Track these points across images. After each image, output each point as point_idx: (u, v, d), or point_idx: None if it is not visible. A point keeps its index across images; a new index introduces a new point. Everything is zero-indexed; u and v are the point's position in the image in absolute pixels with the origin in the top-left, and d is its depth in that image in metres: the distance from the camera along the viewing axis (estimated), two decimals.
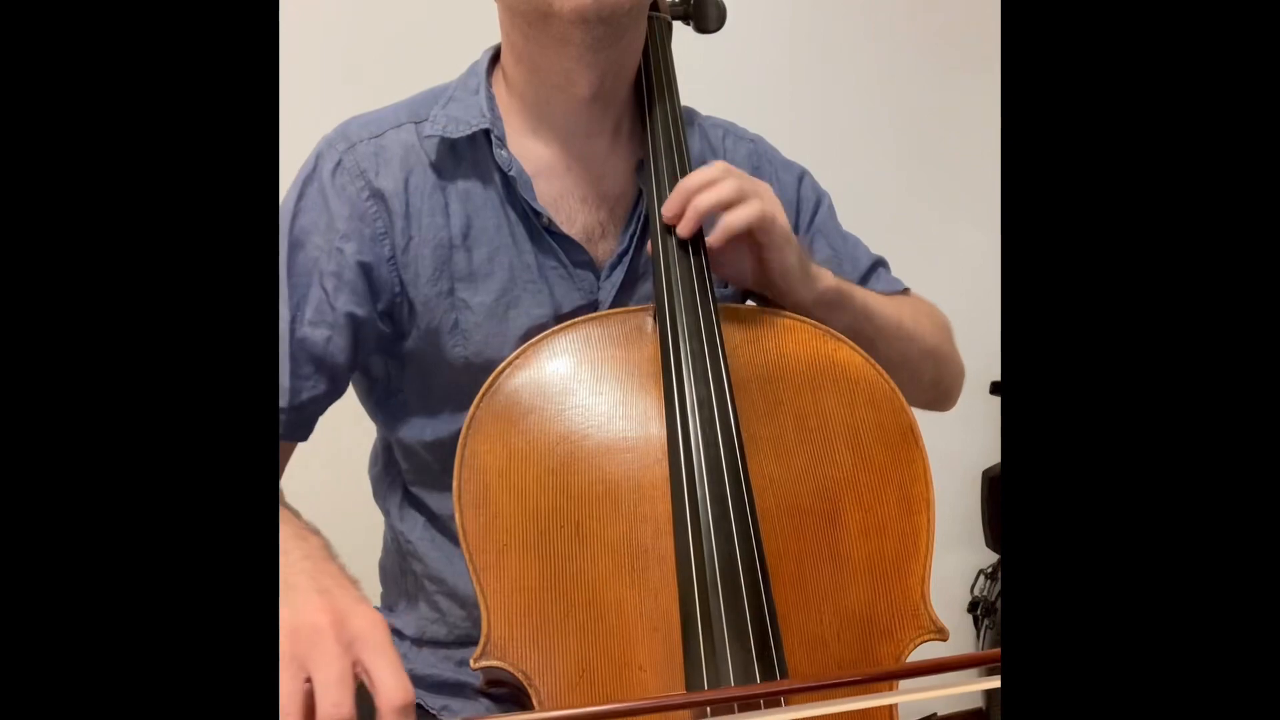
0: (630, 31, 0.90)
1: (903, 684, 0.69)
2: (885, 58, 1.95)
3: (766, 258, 0.87)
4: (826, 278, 0.91)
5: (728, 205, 0.84)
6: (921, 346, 0.99)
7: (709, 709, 0.69)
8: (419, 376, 0.93)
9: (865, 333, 0.92)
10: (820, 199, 1.06)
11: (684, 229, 0.84)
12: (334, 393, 0.91)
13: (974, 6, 1.88)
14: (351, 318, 0.88)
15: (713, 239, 0.85)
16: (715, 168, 0.86)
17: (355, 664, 0.62)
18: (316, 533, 0.79)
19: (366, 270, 0.89)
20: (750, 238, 0.86)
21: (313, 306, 0.87)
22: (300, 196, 0.90)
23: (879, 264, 1.07)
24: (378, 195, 0.89)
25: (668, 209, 0.85)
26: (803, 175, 1.06)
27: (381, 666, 0.62)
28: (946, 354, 1.04)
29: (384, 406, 0.97)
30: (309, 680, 0.60)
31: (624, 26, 0.87)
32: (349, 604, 0.65)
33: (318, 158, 0.92)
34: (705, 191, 0.84)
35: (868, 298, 0.95)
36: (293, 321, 0.87)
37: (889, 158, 1.95)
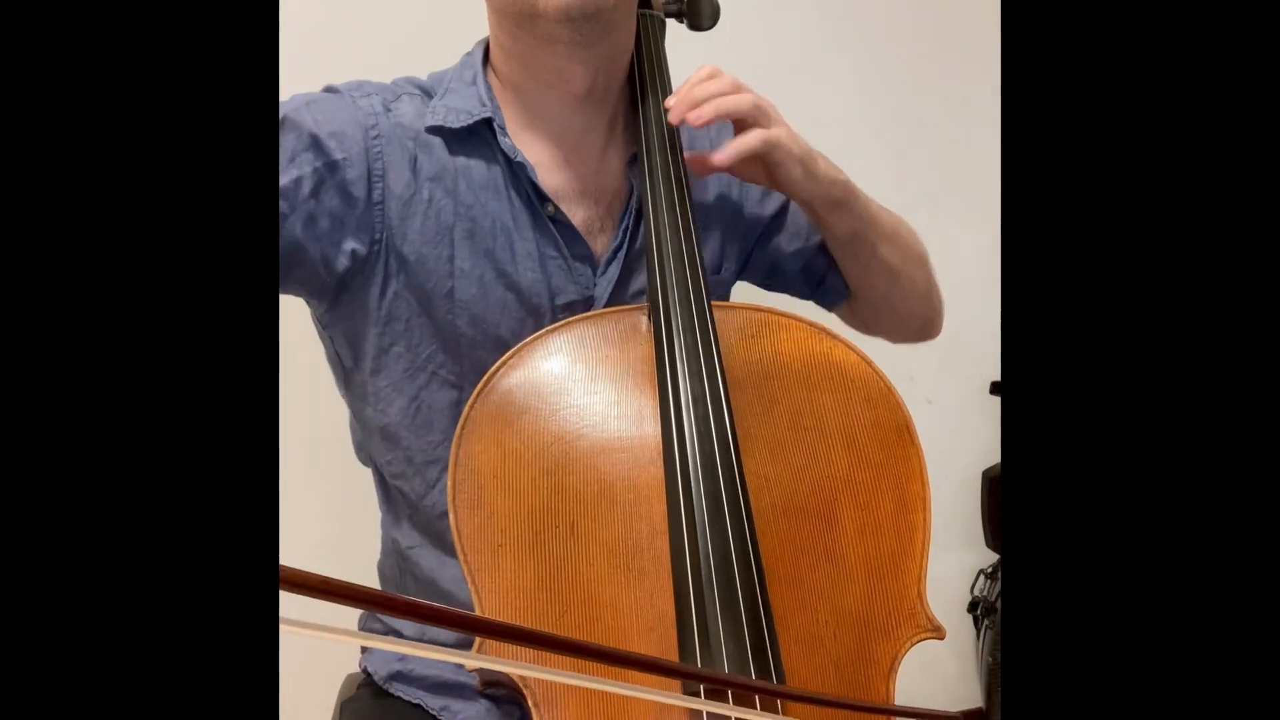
0: (620, 27, 0.90)
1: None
2: (881, 57, 1.94)
3: (775, 174, 0.91)
4: (835, 174, 0.94)
5: (740, 118, 0.89)
6: (914, 253, 1.04)
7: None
8: (404, 341, 0.91)
9: (868, 238, 0.97)
10: None
11: (680, 114, 0.88)
12: None
13: (973, 5, 1.88)
14: (312, 219, 0.84)
15: (721, 159, 0.88)
16: (726, 80, 0.89)
17: None
18: None
19: (350, 202, 0.86)
20: (758, 156, 0.89)
21: (287, 179, 0.83)
22: (313, 101, 0.88)
23: None
24: (386, 139, 0.88)
25: (675, 111, 0.88)
26: None
27: None
28: (931, 271, 1.08)
29: (364, 389, 0.95)
30: None
31: (612, 22, 0.87)
32: None
33: (333, 88, 0.91)
34: (720, 97, 0.87)
35: (869, 202, 0.99)
36: None
37: (887, 157, 1.94)
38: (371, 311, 0.90)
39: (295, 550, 0.73)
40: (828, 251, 1.03)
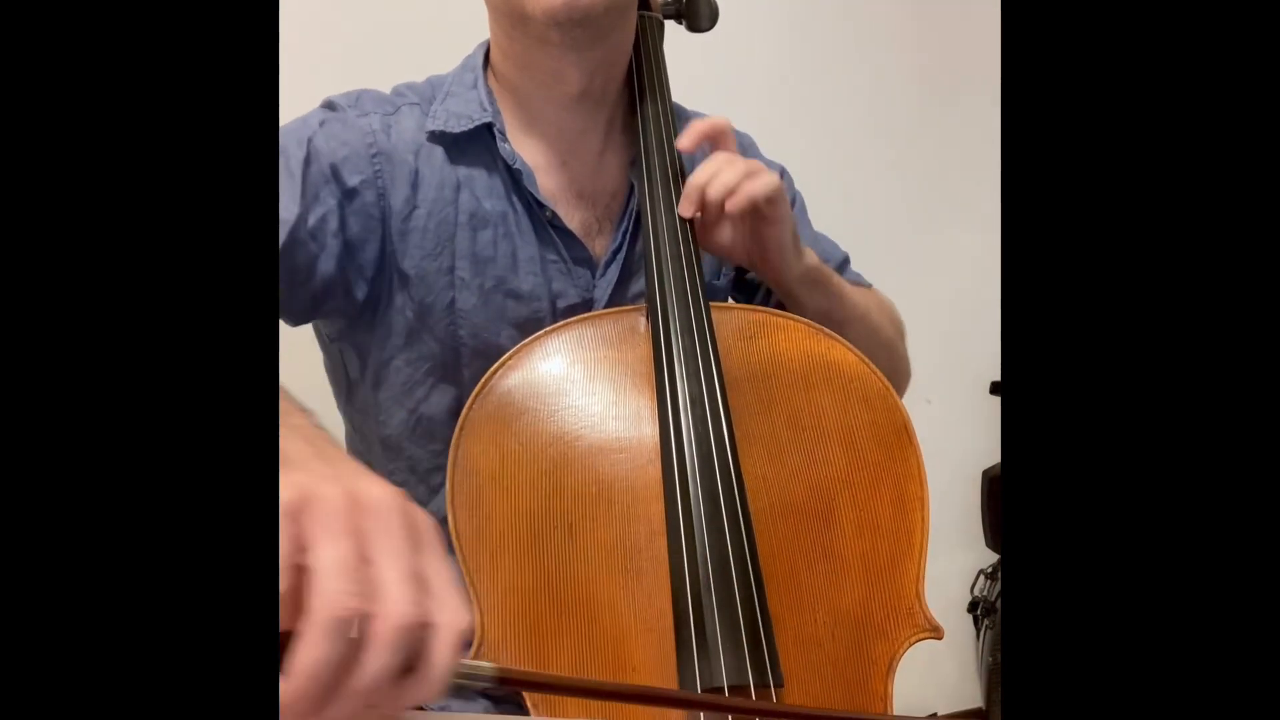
0: (615, 31, 0.89)
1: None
2: (882, 57, 1.95)
3: (766, 233, 0.88)
4: (811, 256, 0.93)
5: (738, 183, 0.85)
6: (881, 339, 1.02)
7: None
8: (403, 354, 0.92)
9: (836, 317, 0.95)
10: (796, 196, 1.06)
11: (687, 209, 0.86)
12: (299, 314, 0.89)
13: (973, 6, 1.88)
14: (339, 252, 0.86)
15: (732, 205, 0.85)
16: (716, 159, 0.87)
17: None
18: (305, 410, 0.64)
19: (367, 226, 0.88)
20: (757, 211, 0.86)
21: (315, 218, 0.85)
22: (325, 122, 0.89)
23: (846, 260, 1.09)
24: (385, 156, 0.89)
25: (684, 209, 0.86)
26: (783, 171, 1.06)
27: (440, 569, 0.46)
28: (899, 351, 1.06)
29: (366, 403, 0.96)
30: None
31: (604, 27, 0.87)
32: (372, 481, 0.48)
33: (334, 105, 0.91)
34: (713, 182, 0.85)
35: (842, 284, 0.98)
36: (296, 223, 0.83)
37: (887, 157, 1.95)
38: (376, 327, 0.91)
39: None
40: None
